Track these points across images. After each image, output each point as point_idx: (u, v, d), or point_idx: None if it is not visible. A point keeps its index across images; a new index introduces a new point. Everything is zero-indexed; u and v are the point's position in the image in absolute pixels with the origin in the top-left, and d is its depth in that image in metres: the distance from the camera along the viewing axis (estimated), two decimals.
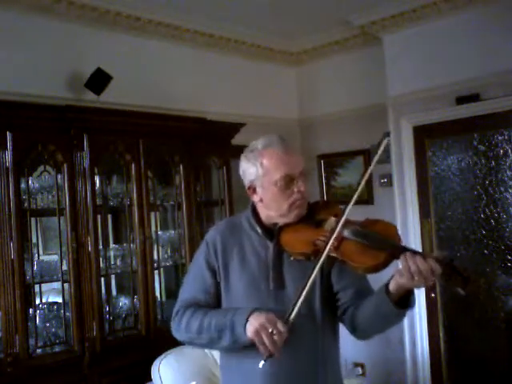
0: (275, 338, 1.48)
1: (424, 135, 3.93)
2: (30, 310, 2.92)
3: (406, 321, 4.02)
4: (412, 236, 3.96)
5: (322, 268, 1.62)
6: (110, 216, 3.60)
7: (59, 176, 3.02)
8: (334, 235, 1.57)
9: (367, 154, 4.38)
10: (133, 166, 3.29)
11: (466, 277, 1.44)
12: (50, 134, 2.97)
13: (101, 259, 3.12)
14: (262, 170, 1.69)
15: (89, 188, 3.06)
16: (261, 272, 1.71)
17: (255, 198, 1.74)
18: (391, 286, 1.53)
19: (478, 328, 3.77)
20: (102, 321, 3.10)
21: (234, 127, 3.86)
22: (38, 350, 2.90)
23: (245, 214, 1.83)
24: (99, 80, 3.29)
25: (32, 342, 2.86)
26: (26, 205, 2.92)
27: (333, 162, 4.63)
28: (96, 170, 3.15)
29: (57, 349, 2.99)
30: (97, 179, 3.18)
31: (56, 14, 3.31)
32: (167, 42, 3.91)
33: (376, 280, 1.65)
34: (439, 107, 3.80)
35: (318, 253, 1.59)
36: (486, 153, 3.67)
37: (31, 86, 3.20)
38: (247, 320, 1.56)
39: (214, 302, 1.76)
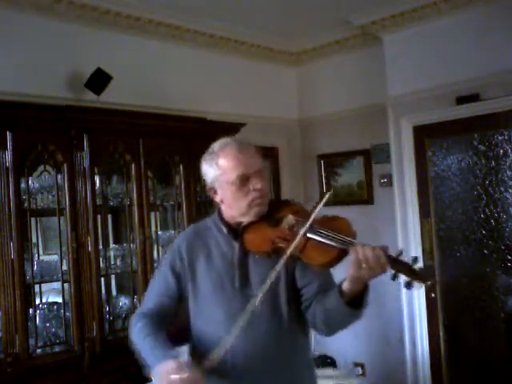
0: None
1: (424, 135, 3.93)
2: (30, 310, 2.92)
3: (406, 321, 4.03)
4: (412, 236, 3.97)
5: (286, 264, 1.66)
6: (110, 216, 3.59)
7: (59, 176, 3.02)
8: (298, 237, 1.61)
9: (367, 154, 4.38)
10: (133, 166, 3.29)
11: (413, 270, 1.47)
12: (50, 134, 2.97)
13: (101, 259, 3.13)
14: (219, 171, 1.74)
15: (89, 188, 3.07)
16: (227, 271, 1.74)
17: (217, 199, 1.80)
18: (344, 285, 1.56)
19: (478, 328, 3.77)
20: (102, 321, 3.10)
21: (234, 127, 3.85)
22: (38, 350, 2.91)
23: (211, 216, 1.88)
24: (99, 80, 3.29)
25: (32, 341, 2.87)
26: (26, 205, 2.92)
27: (333, 161, 4.63)
28: (96, 170, 3.15)
29: (57, 349, 2.99)
30: (97, 179, 3.18)
31: (56, 13, 3.32)
32: (167, 42, 3.91)
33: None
34: (439, 107, 3.79)
35: (276, 250, 1.64)
36: (486, 153, 3.67)
37: (31, 86, 3.20)
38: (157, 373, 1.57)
39: (176, 304, 1.83)
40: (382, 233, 4.21)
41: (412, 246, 3.95)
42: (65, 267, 3.03)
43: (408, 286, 1.47)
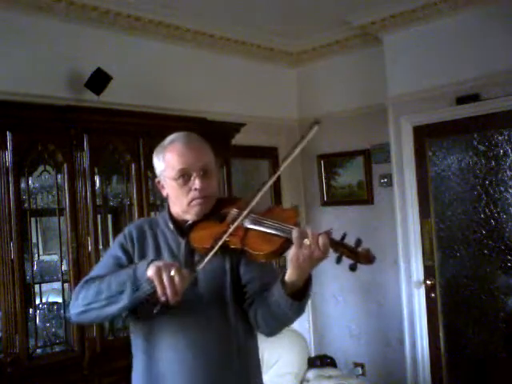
0: (176, 280, 1.46)
1: (424, 135, 3.93)
2: (30, 310, 2.92)
3: (406, 321, 4.03)
4: (412, 236, 3.96)
5: (231, 260, 1.68)
6: (110, 216, 3.59)
7: (59, 176, 3.02)
8: (235, 224, 1.60)
9: (367, 154, 4.39)
10: (133, 166, 3.29)
11: (356, 252, 1.45)
12: (50, 134, 2.97)
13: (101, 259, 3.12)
14: (164, 165, 1.74)
15: (89, 188, 3.07)
16: None
17: (164, 193, 1.80)
18: (287, 275, 1.53)
19: (478, 328, 3.77)
20: None
21: (234, 127, 3.86)
22: (38, 350, 2.91)
23: (162, 213, 1.87)
24: (99, 80, 3.29)
25: (32, 341, 2.86)
26: (26, 205, 2.92)
27: (333, 161, 4.63)
28: (96, 170, 3.15)
29: (57, 349, 2.99)
30: (97, 179, 3.18)
31: (56, 13, 3.32)
32: (167, 42, 3.91)
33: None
34: (439, 107, 3.80)
35: (221, 246, 1.61)
36: (486, 153, 3.67)
37: (31, 85, 3.20)
38: (151, 263, 1.53)
39: None
40: (382, 233, 4.21)
41: (412, 247, 3.96)
42: (65, 267, 3.03)
43: (352, 268, 1.45)
